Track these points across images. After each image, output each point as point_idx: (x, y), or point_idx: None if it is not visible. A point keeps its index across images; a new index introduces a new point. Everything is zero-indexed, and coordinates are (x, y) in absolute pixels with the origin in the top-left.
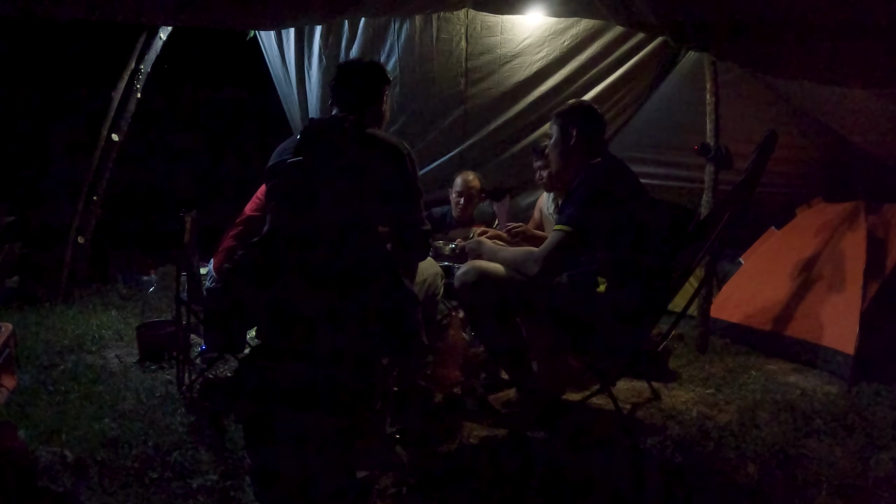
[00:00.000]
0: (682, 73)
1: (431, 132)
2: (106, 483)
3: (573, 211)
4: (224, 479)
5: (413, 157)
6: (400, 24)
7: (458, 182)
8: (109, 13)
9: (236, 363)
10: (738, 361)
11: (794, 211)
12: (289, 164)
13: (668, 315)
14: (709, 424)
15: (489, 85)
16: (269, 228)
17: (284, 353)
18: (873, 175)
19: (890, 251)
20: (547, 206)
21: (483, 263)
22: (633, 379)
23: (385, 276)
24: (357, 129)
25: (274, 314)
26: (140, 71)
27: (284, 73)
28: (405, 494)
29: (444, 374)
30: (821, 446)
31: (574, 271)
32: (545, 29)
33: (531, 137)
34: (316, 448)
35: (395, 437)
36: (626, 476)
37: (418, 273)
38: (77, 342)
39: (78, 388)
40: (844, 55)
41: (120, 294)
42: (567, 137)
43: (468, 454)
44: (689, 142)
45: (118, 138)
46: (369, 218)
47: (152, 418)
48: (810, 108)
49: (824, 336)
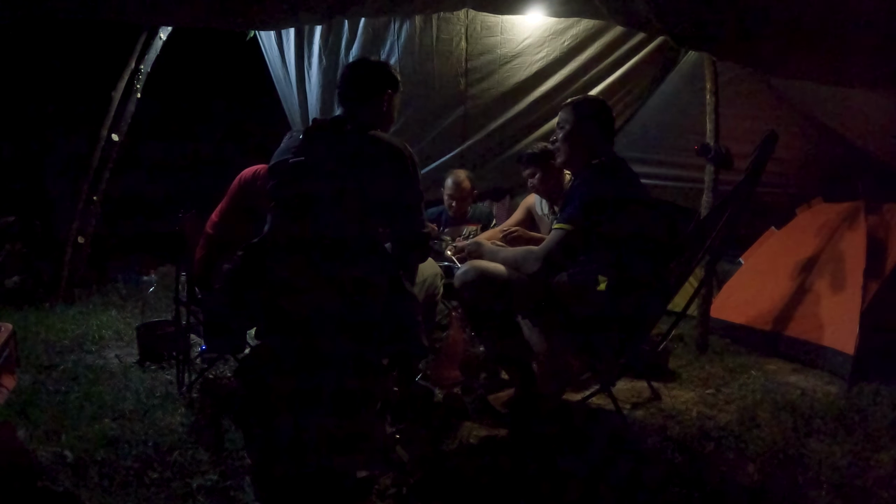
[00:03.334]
0: (682, 73)
1: (431, 132)
2: (106, 483)
3: (574, 210)
4: (224, 479)
5: (415, 158)
6: (400, 24)
7: (449, 184)
8: (109, 13)
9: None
10: (738, 361)
11: (794, 211)
12: (290, 164)
13: (668, 315)
14: (709, 424)
15: (489, 85)
16: (270, 228)
17: (284, 354)
18: (873, 175)
19: (890, 251)
20: (539, 207)
21: (483, 263)
22: (633, 379)
23: (385, 278)
24: (359, 130)
25: (273, 315)
26: (140, 71)
27: (284, 73)
28: (405, 494)
29: (444, 374)
30: (821, 446)
31: (574, 270)
32: (545, 29)
33: (531, 137)
34: (316, 448)
35: (395, 437)
36: (626, 476)
37: (418, 273)
38: (77, 342)
39: (78, 388)
40: (845, 55)
41: (120, 294)
42: (581, 128)
43: (468, 454)
44: (689, 142)
45: (118, 138)
46: (370, 219)
47: (152, 418)
48: (811, 109)
49: (824, 336)
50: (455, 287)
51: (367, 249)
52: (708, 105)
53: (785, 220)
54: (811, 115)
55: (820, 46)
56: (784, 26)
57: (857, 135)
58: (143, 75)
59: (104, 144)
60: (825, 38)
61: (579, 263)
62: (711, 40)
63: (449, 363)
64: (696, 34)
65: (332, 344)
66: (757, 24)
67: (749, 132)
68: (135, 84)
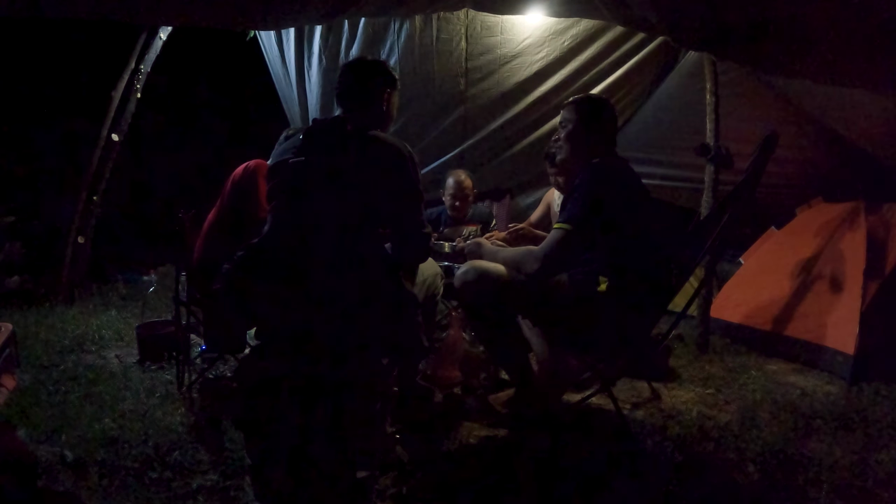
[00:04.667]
0: (682, 73)
1: (431, 132)
2: (106, 483)
3: (574, 209)
4: (224, 479)
5: (415, 159)
6: (400, 24)
7: (450, 183)
8: (109, 13)
9: (236, 363)
10: (738, 361)
11: (794, 211)
12: (291, 164)
13: (668, 315)
14: (709, 424)
15: (489, 85)
16: (270, 228)
17: (284, 354)
18: (873, 175)
19: (890, 251)
20: (557, 205)
21: (483, 263)
22: (633, 379)
23: (385, 278)
24: (359, 130)
25: (273, 315)
26: (140, 71)
27: (284, 73)
28: (405, 494)
29: (444, 374)
30: (821, 446)
31: (574, 271)
32: (545, 29)
33: (531, 138)
34: (316, 448)
35: (395, 437)
36: (626, 476)
37: (418, 273)
38: (77, 342)
39: (78, 388)
40: (845, 55)
41: (120, 294)
42: (585, 127)
43: (468, 454)
44: (689, 142)
45: (118, 138)
46: (370, 219)
47: (152, 418)
48: (810, 108)
49: (824, 336)
50: (455, 287)
51: (367, 250)
52: (708, 105)
53: (785, 220)
54: (811, 115)
55: (820, 46)
56: (785, 26)
57: (857, 135)
58: (143, 75)
59: (104, 144)
60: (825, 38)
61: (579, 263)
62: (711, 41)
63: (449, 363)
64: (696, 34)
65: (332, 344)
66: (757, 25)
67: (749, 132)
68: (135, 84)
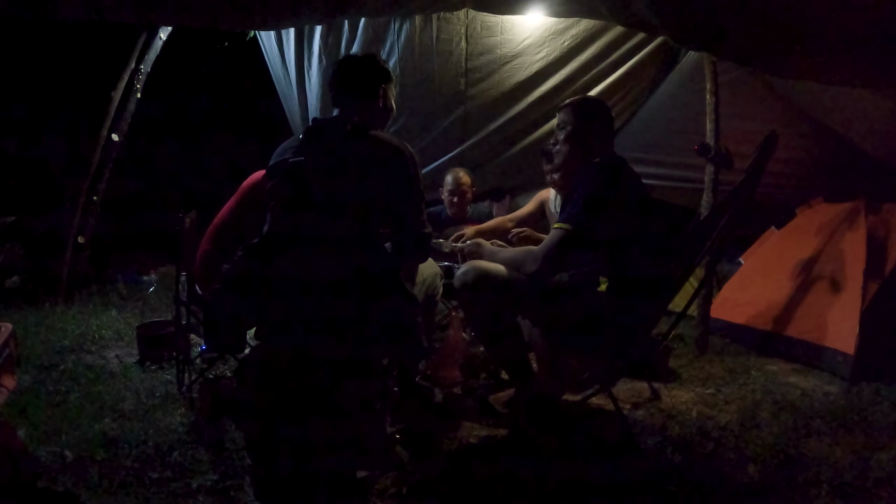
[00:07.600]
0: (682, 73)
1: (431, 132)
2: (106, 483)
3: (573, 209)
4: (224, 479)
5: (415, 158)
6: (400, 24)
7: (450, 180)
8: (109, 13)
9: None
10: (738, 361)
11: (794, 211)
12: (291, 164)
13: (668, 315)
14: (709, 424)
15: (489, 85)
16: (270, 229)
17: (283, 354)
18: (873, 175)
19: (890, 251)
20: (553, 204)
21: (483, 263)
22: (633, 379)
23: (385, 278)
24: (359, 130)
25: (273, 315)
26: (140, 71)
27: (284, 73)
28: (405, 494)
29: (444, 374)
30: (821, 446)
31: (574, 271)
32: (545, 29)
33: (531, 138)
34: (316, 448)
35: (395, 437)
36: (627, 476)
37: (418, 273)
38: (77, 342)
39: (78, 388)
40: (845, 55)
41: (120, 294)
42: (584, 129)
43: (468, 454)
44: (689, 142)
45: (118, 138)
46: (370, 219)
47: (152, 418)
48: (810, 109)
49: (824, 336)
50: (455, 287)
51: (367, 249)
52: (708, 105)
53: (785, 220)
54: (811, 116)
55: (820, 46)
56: (784, 26)
57: (857, 135)
58: (143, 75)
59: (104, 144)
60: (825, 38)
61: (579, 263)
62: (712, 41)
63: (449, 363)
64: (696, 34)
65: (332, 344)
66: (757, 25)
67: (749, 132)
68: (135, 84)
